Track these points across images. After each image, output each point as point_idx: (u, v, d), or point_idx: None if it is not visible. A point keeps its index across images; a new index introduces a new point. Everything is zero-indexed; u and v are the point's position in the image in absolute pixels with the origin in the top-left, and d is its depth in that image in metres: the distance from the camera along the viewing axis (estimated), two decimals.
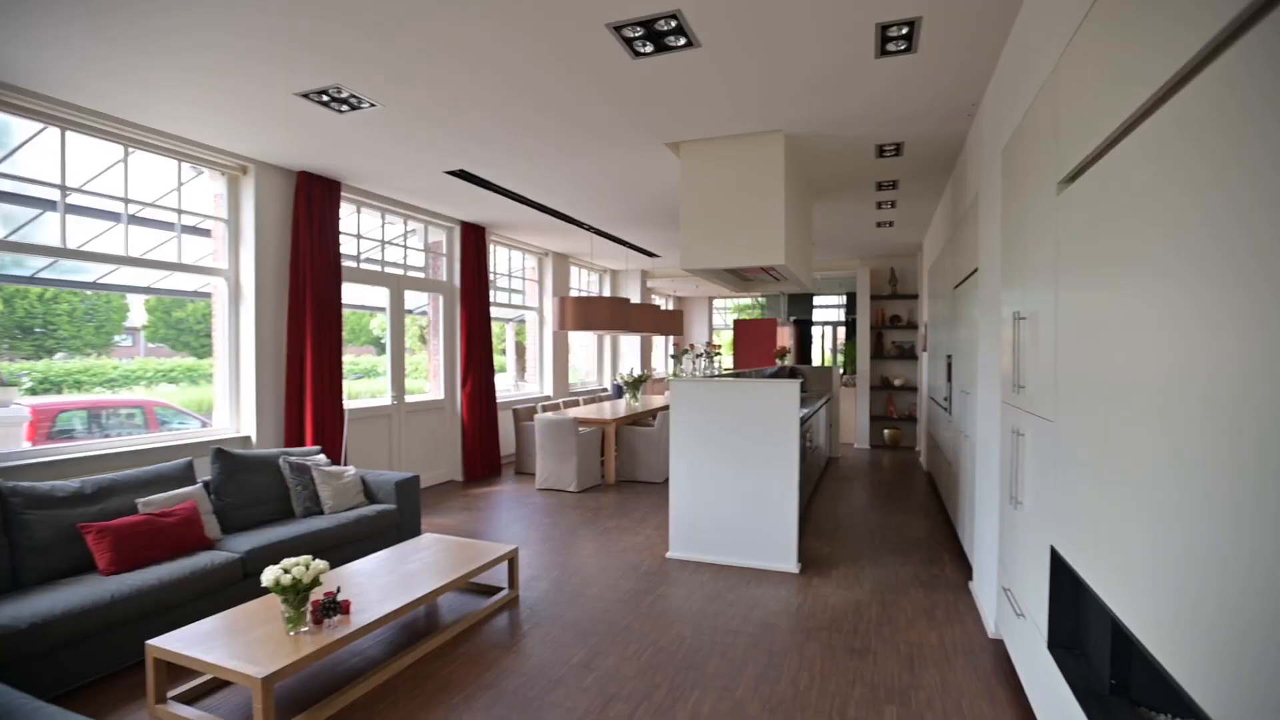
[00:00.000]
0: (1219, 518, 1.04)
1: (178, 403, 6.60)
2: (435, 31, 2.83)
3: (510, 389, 8.63)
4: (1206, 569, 1.07)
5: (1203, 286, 1.10)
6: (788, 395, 4.11)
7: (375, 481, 4.34)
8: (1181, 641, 1.16)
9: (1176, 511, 1.18)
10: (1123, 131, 1.46)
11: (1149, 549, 1.30)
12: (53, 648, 2.56)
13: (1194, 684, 1.12)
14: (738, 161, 4.21)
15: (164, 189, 4.43)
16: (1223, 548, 1.03)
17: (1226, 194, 1.03)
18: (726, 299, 14.73)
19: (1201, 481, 1.09)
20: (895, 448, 9.22)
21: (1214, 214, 1.07)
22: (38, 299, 4.94)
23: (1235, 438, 0.99)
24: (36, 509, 3.03)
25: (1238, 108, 1.01)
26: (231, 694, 2.66)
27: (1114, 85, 1.50)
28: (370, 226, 6.10)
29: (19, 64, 3.16)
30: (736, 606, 3.55)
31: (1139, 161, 1.37)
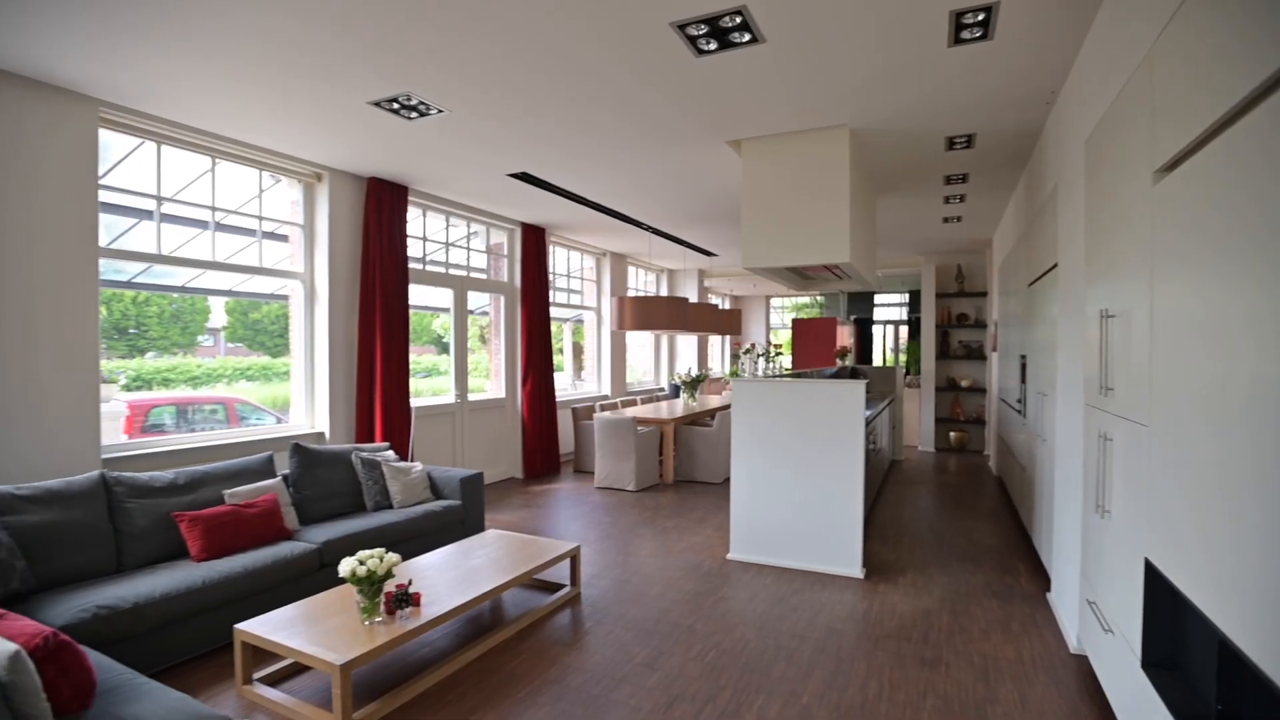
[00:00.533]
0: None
1: (255, 399, 6.97)
2: (502, 33, 2.88)
3: (567, 388, 8.73)
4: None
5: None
6: (853, 396, 4.01)
7: (441, 478, 4.46)
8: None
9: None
10: (1237, 113, 1.36)
11: (1265, 563, 1.20)
12: (151, 628, 2.74)
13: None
14: (801, 158, 4.13)
15: (246, 197, 4.67)
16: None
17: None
18: (784, 297, 14.51)
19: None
20: (962, 451, 8.88)
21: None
22: (131, 302, 5.29)
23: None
24: (137, 498, 3.24)
25: None
26: (311, 678, 2.77)
27: (1225, 62, 1.39)
28: (435, 229, 6.27)
29: (126, 85, 3.39)
30: (801, 611, 3.49)
31: (1256, 145, 1.27)
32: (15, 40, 2.93)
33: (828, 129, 4.04)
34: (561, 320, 8.77)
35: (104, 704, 1.83)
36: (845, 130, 4.00)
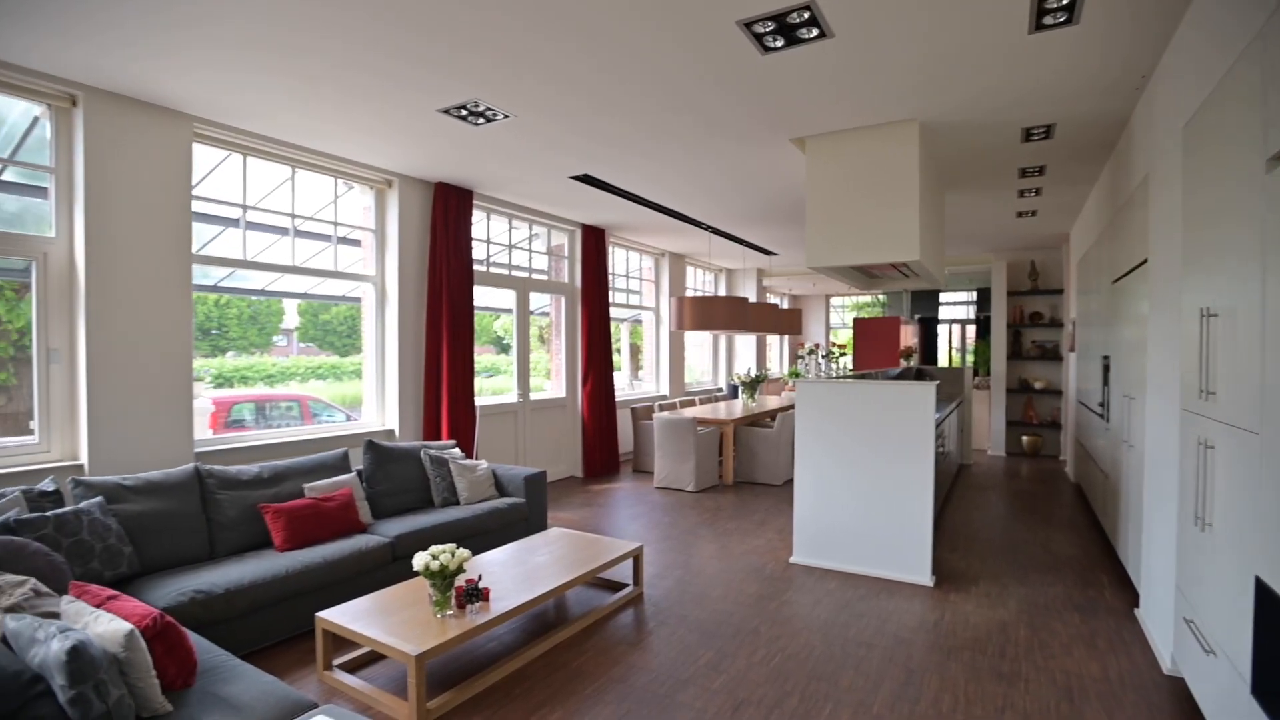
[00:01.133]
0: None
1: (326, 397, 7.28)
2: (571, 34, 2.91)
3: (625, 388, 8.78)
4: None
5: None
6: (923, 398, 3.88)
7: (505, 475, 4.56)
8: None
9: None
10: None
11: None
12: (241, 613, 2.89)
13: None
14: (868, 154, 4.03)
15: (321, 203, 4.89)
16: None
17: None
18: (845, 296, 14.19)
19: None
20: (1035, 456, 8.48)
21: None
22: (214, 304, 5.61)
23: None
24: (227, 490, 3.43)
25: None
26: (385, 666, 2.88)
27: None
28: (497, 231, 6.41)
29: (219, 102, 3.60)
30: (868, 618, 3.40)
31: None
32: (124, 64, 3.14)
33: (896, 124, 3.93)
34: (619, 320, 8.82)
35: (204, 683, 1.95)
36: (915, 124, 3.88)
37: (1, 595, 1.78)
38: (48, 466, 3.40)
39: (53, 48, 3.00)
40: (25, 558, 2.20)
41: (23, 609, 1.76)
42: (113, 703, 1.54)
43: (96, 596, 2.04)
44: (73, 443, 3.54)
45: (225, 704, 1.83)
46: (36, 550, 2.28)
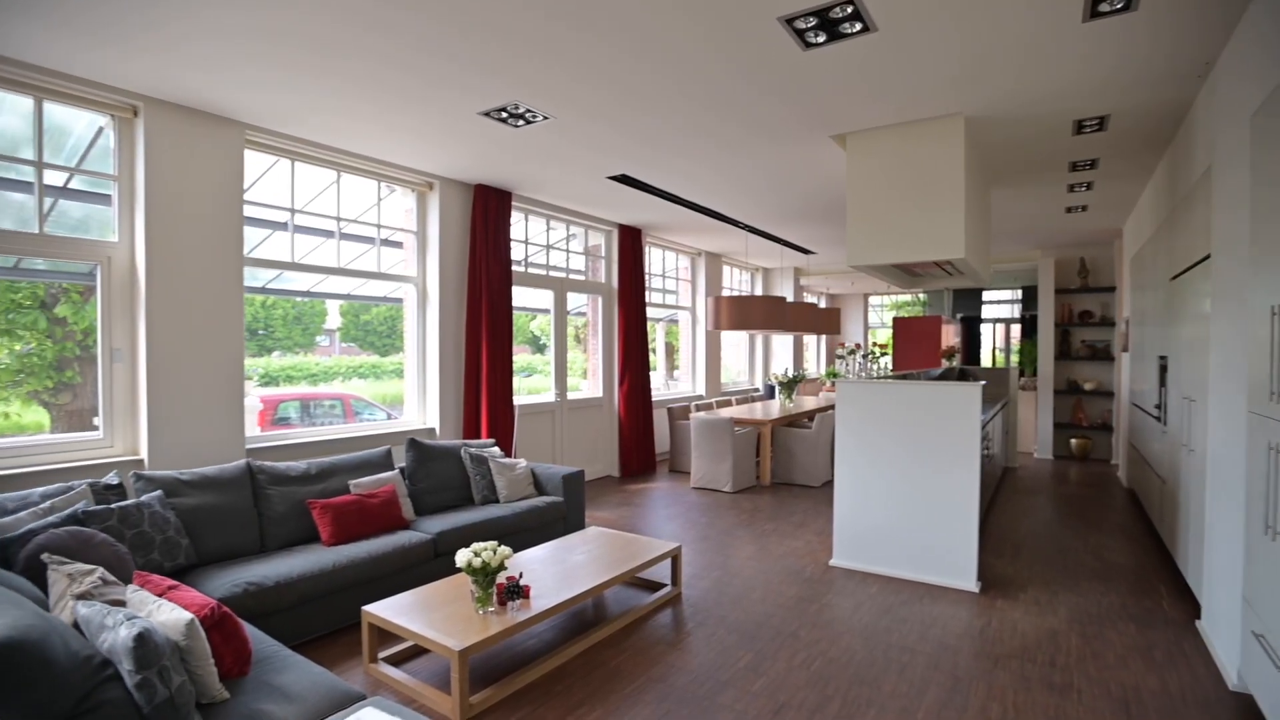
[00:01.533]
0: None
1: (368, 396, 7.46)
2: (611, 32, 2.92)
3: (660, 388, 8.77)
4: None
5: None
6: (968, 399, 3.79)
7: (544, 474, 4.60)
8: None
9: None
10: None
11: None
12: (291, 604, 2.98)
13: None
14: (911, 150, 3.95)
15: (364, 206, 5.00)
16: None
17: None
18: (884, 295, 13.94)
19: None
20: (1085, 459, 8.20)
21: None
22: (261, 305, 5.78)
23: None
24: (276, 485, 3.54)
25: None
26: (429, 660, 2.93)
27: None
28: (535, 232, 6.47)
29: (269, 110, 3.71)
30: (910, 623, 3.33)
31: None
32: (182, 75, 3.27)
33: (941, 118, 3.84)
34: (655, 320, 8.82)
35: (258, 672, 2.01)
36: (960, 119, 3.79)
37: (73, 583, 1.86)
38: (111, 461, 3.55)
39: (115, 60, 3.13)
40: (93, 548, 2.30)
41: (92, 596, 1.84)
42: (175, 688, 1.60)
43: (158, 586, 2.12)
44: (134, 438, 3.70)
45: (279, 693, 1.89)
46: (103, 541, 2.39)
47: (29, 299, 4.32)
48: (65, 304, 4.38)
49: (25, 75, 3.21)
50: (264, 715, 1.78)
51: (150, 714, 1.57)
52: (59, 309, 4.42)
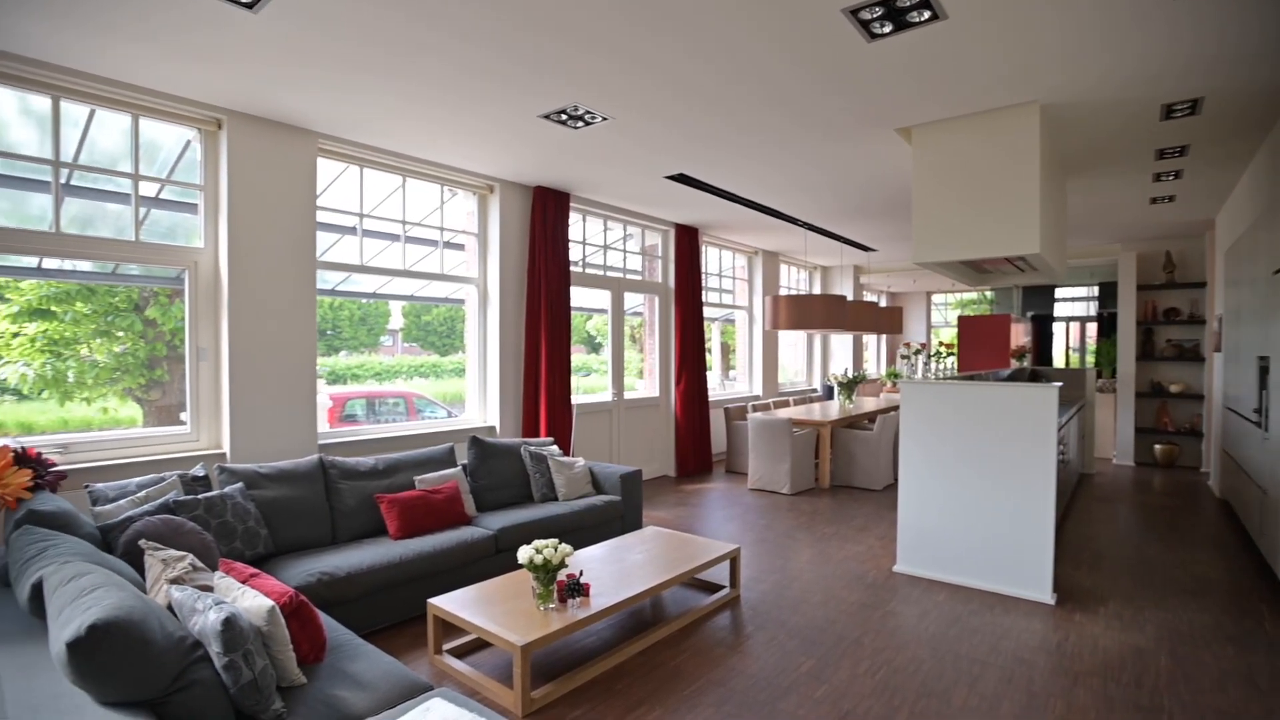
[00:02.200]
0: None
1: (429, 394, 7.69)
2: (672, 31, 2.91)
3: (715, 388, 8.71)
4: None
5: None
6: (1044, 402, 3.61)
7: (602, 473, 4.62)
8: None
9: None
10: None
11: None
12: (360, 595, 3.09)
13: None
14: (982, 141, 3.79)
15: (427, 210, 5.14)
16: None
17: None
18: (948, 293, 13.46)
19: None
20: (1170, 466, 7.71)
21: None
22: (329, 307, 6.01)
23: None
24: (347, 480, 3.68)
25: None
26: (491, 654, 2.99)
27: None
28: (593, 232, 6.52)
29: (341, 119, 3.86)
30: (981, 634, 3.20)
31: None
32: (263, 89, 3.43)
33: (1014, 107, 3.67)
34: (710, 320, 8.77)
35: (332, 659, 2.09)
36: (1035, 107, 3.61)
37: (166, 568, 1.98)
38: (197, 454, 3.77)
39: (202, 77, 3.32)
40: (183, 535, 2.44)
41: (184, 581, 1.95)
42: (258, 671, 1.68)
43: (241, 573, 2.23)
44: (217, 432, 3.91)
45: (352, 680, 1.96)
46: (191, 529, 2.53)
47: (125, 302, 4.62)
48: (155, 307, 4.67)
49: (125, 94, 3.44)
50: (339, 701, 1.84)
51: (236, 694, 1.65)
52: (149, 311, 4.72)
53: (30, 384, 4.28)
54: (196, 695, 1.57)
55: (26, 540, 2.08)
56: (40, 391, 4.32)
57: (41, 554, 1.94)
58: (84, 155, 3.57)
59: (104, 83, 3.35)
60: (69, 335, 4.40)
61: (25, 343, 4.29)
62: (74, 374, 4.42)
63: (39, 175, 3.43)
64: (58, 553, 1.94)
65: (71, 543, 2.07)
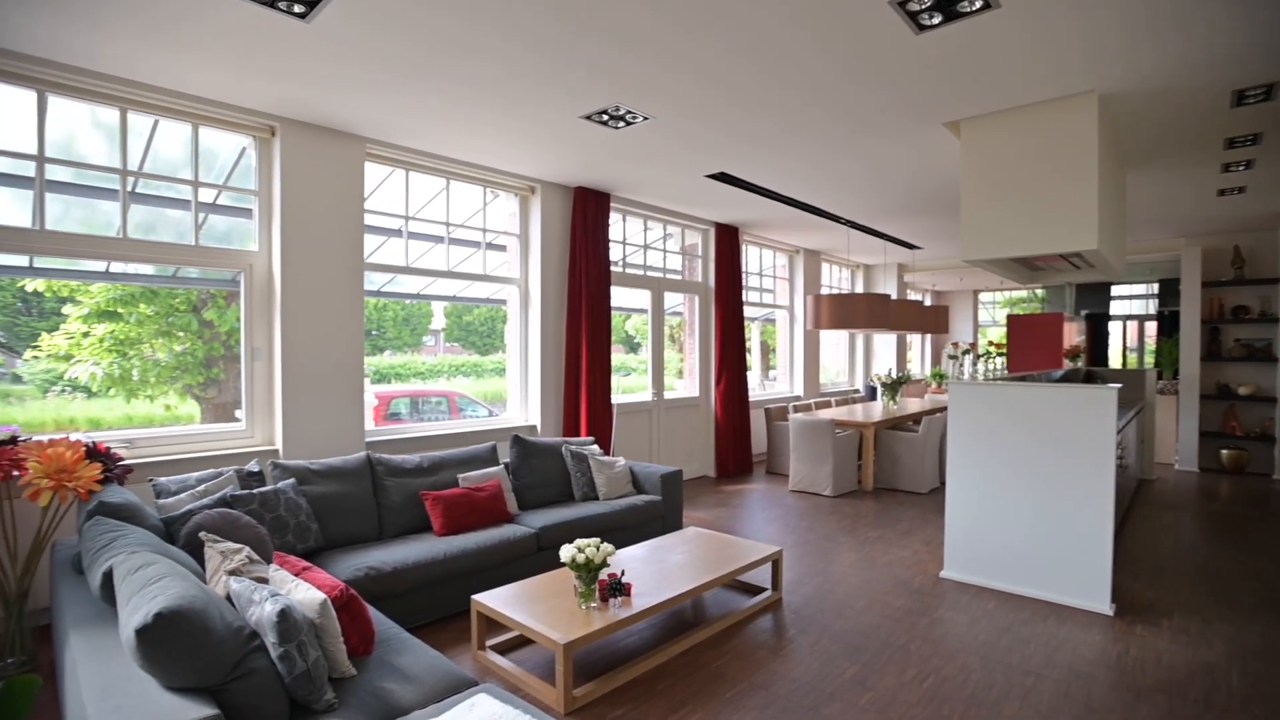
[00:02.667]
0: None
1: (470, 393, 7.81)
2: (712, 28, 2.89)
3: (756, 388, 8.63)
4: None
5: None
6: (1102, 404, 3.47)
7: (642, 473, 4.62)
8: None
9: None
10: None
11: None
12: (406, 590, 3.15)
13: None
14: (1035, 134, 3.66)
15: (470, 211, 5.22)
16: None
17: None
18: (996, 292, 13.07)
19: None
20: (1239, 473, 7.32)
21: None
22: (374, 308, 6.15)
23: None
24: (393, 477, 3.76)
25: None
26: (532, 651, 3.01)
27: None
28: (632, 232, 6.53)
29: (389, 124, 3.95)
30: (1034, 645, 3.09)
31: None
32: (314, 96, 3.54)
33: (1070, 98, 3.53)
34: (750, 319, 8.69)
35: (380, 652, 2.13)
36: (1093, 96, 3.47)
37: (225, 559, 2.05)
38: (251, 450, 3.90)
39: (257, 86, 3.43)
40: (239, 528, 2.53)
41: (241, 573, 2.02)
42: (311, 662, 1.72)
43: (294, 566, 2.29)
44: (270, 429, 4.04)
45: (399, 673, 2.00)
46: (247, 523, 2.62)
47: (184, 304, 4.82)
48: (212, 308, 4.85)
49: (187, 105, 3.58)
50: (387, 693, 1.88)
51: (291, 684, 1.70)
52: (207, 313, 4.90)
53: (99, 382, 4.50)
54: (254, 683, 1.62)
55: (97, 530, 2.18)
56: (108, 389, 4.54)
57: (111, 544, 2.04)
58: (148, 164, 3.73)
59: (168, 94, 3.50)
60: (134, 335, 4.61)
61: (95, 343, 4.51)
62: (138, 372, 4.62)
63: (108, 184, 3.60)
64: (126, 543, 2.03)
65: (138, 534, 2.17)
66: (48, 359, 4.40)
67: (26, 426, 3.82)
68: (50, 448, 2.70)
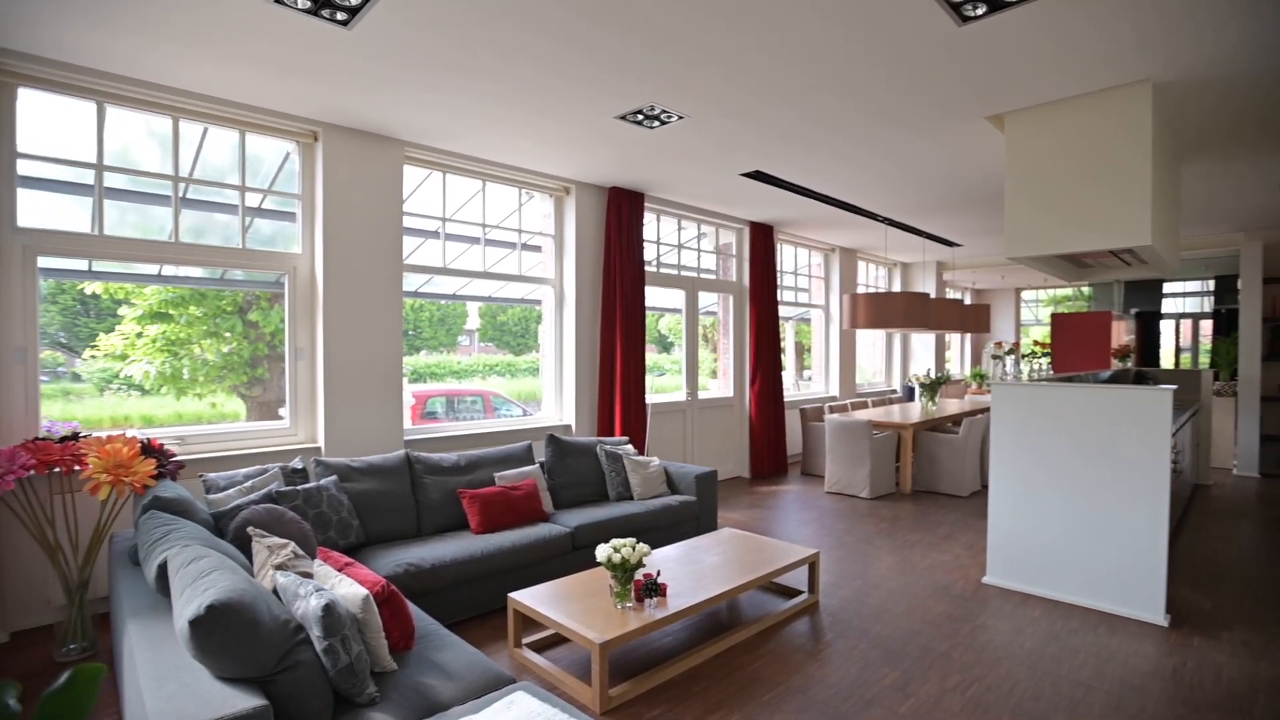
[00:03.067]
0: None
1: (504, 392, 7.89)
2: (747, 25, 2.86)
3: (790, 388, 8.54)
4: None
5: None
6: (1156, 405, 3.34)
7: (676, 473, 4.61)
8: None
9: None
10: None
11: None
12: (444, 587, 3.19)
13: None
14: (1084, 125, 3.54)
15: (506, 212, 5.27)
16: None
17: None
18: (1039, 290, 12.70)
19: None
20: None
21: None
22: (410, 308, 6.26)
23: None
24: (431, 475, 3.82)
25: None
26: (568, 650, 3.02)
27: None
28: (666, 232, 6.52)
29: (427, 127, 4.02)
30: (1083, 655, 2.99)
31: None
32: (355, 100, 3.61)
33: (1123, 87, 3.41)
34: (785, 319, 8.60)
35: (420, 648, 2.16)
36: (1147, 85, 3.34)
37: (271, 554, 2.10)
38: (295, 447, 4.00)
39: (301, 92, 3.52)
40: (285, 524, 2.60)
41: (287, 567, 2.07)
42: (354, 656, 1.76)
43: (337, 562, 2.34)
44: (313, 427, 4.14)
45: (439, 670, 2.02)
46: (292, 518, 2.68)
47: (230, 306, 4.97)
48: (257, 310, 5.00)
49: (234, 112, 3.69)
50: (427, 689, 1.91)
51: (335, 677, 1.73)
52: (252, 314, 5.05)
53: (152, 380, 4.67)
54: (300, 676, 1.65)
55: (152, 524, 2.26)
56: (159, 387, 4.71)
57: (165, 537, 2.11)
58: (197, 170, 3.86)
59: (217, 102, 3.61)
60: (183, 336, 4.78)
61: (148, 343, 4.68)
62: (188, 371, 4.79)
63: (160, 189, 3.73)
64: (179, 536, 2.10)
65: (190, 527, 2.24)
66: (105, 358, 4.59)
67: (85, 423, 3.99)
68: (108, 444, 2.81)
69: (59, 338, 4.40)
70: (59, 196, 3.57)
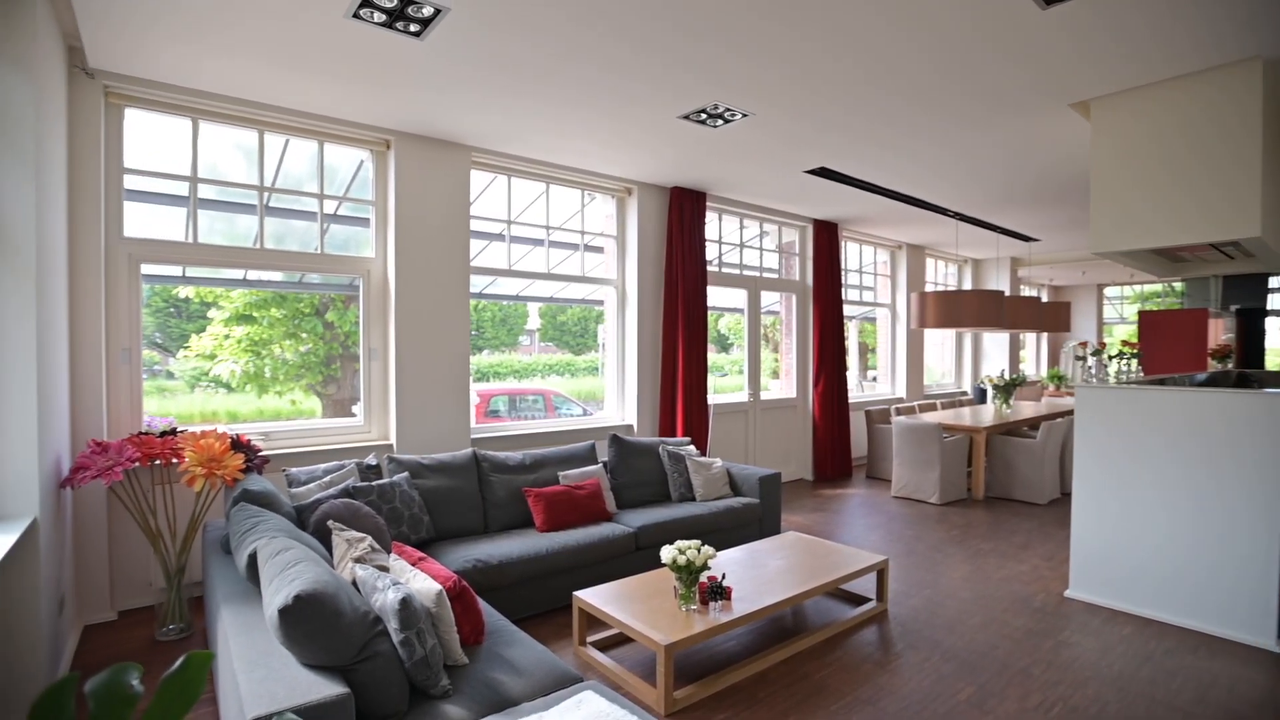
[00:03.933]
0: None
1: (565, 391, 7.99)
2: (811, 23, 2.80)
3: (854, 389, 8.32)
4: None
5: None
6: (1271, 411, 3.08)
7: (739, 475, 4.56)
8: None
9: None
10: None
11: None
12: (510, 584, 3.25)
13: None
14: (1182, 109, 3.30)
15: (568, 214, 5.33)
16: None
17: None
18: (1123, 286, 11.97)
19: None
20: None
21: None
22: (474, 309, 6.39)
23: None
24: (497, 473, 3.90)
25: None
26: (632, 650, 3.03)
27: None
28: (728, 231, 6.46)
29: (493, 133, 4.11)
30: (1180, 678, 2.79)
31: None
32: (424, 109, 3.72)
33: (1228, 66, 3.16)
34: (848, 318, 8.39)
35: (489, 643, 2.20)
36: (1257, 63, 3.09)
37: (350, 547, 2.19)
38: (368, 444, 4.15)
39: (376, 103, 3.65)
40: (361, 518, 2.70)
41: (365, 560, 2.14)
42: (429, 649, 1.80)
43: (411, 556, 2.42)
44: (385, 425, 4.29)
45: (509, 665, 2.05)
46: (367, 513, 2.78)
47: (308, 308, 5.21)
48: (333, 311, 5.22)
49: (313, 124, 3.87)
50: (498, 684, 1.94)
51: (410, 669, 1.78)
52: (328, 315, 5.27)
53: (237, 379, 4.95)
54: (378, 666, 1.71)
55: (242, 515, 2.39)
56: (244, 385, 4.99)
57: (254, 528, 2.22)
58: (278, 180, 4.06)
59: (297, 114, 3.79)
60: (265, 337, 5.04)
61: (234, 343, 4.96)
62: (269, 370, 5.06)
63: (246, 199, 3.94)
64: (266, 528, 2.20)
65: (276, 520, 2.35)
66: (196, 358, 4.89)
67: (178, 418, 4.25)
68: (202, 439, 2.98)
69: (155, 338, 4.71)
70: (156, 207, 3.82)
